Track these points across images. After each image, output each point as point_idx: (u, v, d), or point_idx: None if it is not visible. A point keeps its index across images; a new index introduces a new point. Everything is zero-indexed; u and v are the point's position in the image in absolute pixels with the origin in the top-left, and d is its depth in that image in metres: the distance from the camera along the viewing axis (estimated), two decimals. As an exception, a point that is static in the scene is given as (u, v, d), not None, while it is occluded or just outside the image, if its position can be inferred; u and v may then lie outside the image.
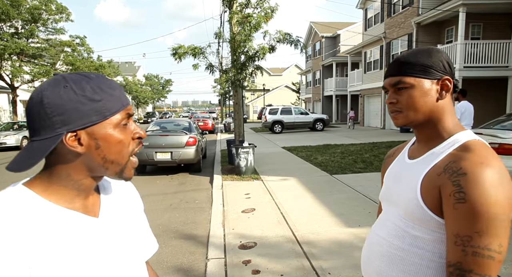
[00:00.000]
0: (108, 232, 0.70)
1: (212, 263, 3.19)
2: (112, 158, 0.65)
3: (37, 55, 19.93)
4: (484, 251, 0.71)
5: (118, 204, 0.77)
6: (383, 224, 0.95)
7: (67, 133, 0.61)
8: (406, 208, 0.86)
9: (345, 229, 3.86)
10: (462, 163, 0.76)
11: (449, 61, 0.87)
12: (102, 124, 0.64)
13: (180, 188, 6.51)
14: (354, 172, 7.02)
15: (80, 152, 0.63)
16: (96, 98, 0.63)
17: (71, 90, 0.61)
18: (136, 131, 0.69)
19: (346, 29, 26.71)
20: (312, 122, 19.21)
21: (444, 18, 14.11)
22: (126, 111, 0.67)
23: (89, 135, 0.63)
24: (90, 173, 0.66)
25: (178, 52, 7.28)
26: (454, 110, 0.88)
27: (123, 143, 0.66)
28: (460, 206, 0.73)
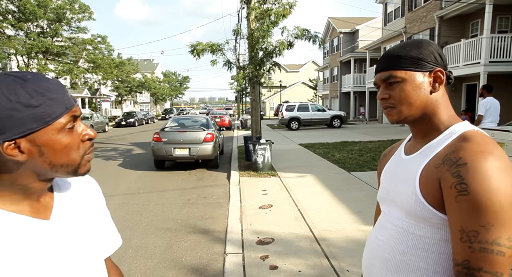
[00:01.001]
0: (60, 234, 0.66)
1: (230, 258, 3.23)
2: (60, 163, 0.62)
3: (61, 53, 20.62)
4: (493, 247, 0.65)
5: (74, 203, 0.73)
6: (383, 227, 0.89)
7: (3, 142, 0.56)
8: (405, 206, 0.81)
9: (363, 226, 3.82)
10: (461, 153, 0.72)
11: (440, 53, 0.84)
12: (44, 131, 0.59)
13: (198, 184, 6.60)
14: (373, 169, 6.91)
15: (21, 160, 0.59)
16: (33, 103, 0.57)
17: (3, 96, 0.56)
18: (85, 132, 0.64)
19: (365, 24, 26.13)
20: (329, 119, 18.98)
21: (469, 11, 13.57)
22: (71, 114, 0.62)
23: (30, 142, 0.58)
24: (38, 177, 0.63)
25: (197, 48, 7.35)
26: (448, 102, 0.86)
27: (70, 147, 0.62)
28: (462, 198, 0.68)
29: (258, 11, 6.98)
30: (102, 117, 23.13)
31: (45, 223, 0.65)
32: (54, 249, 0.64)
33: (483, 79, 11.73)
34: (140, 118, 28.69)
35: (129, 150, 12.00)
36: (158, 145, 7.73)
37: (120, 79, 34.35)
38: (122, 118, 27.34)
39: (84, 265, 0.69)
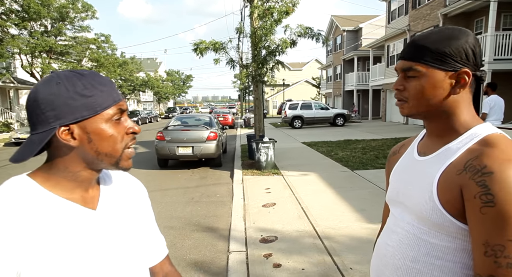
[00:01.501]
0: (105, 224, 0.71)
1: (234, 256, 3.25)
2: (105, 151, 0.67)
3: (64, 53, 20.72)
4: None
5: (119, 199, 0.77)
6: (393, 231, 0.85)
7: (59, 127, 0.64)
8: (420, 212, 0.76)
9: (366, 224, 3.82)
10: (486, 160, 0.67)
11: (474, 48, 0.75)
12: (94, 119, 0.66)
13: (201, 182, 6.63)
14: (376, 167, 6.90)
15: (73, 145, 0.65)
16: (87, 93, 0.65)
17: (63, 87, 0.64)
18: (130, 126, 0.70)
19: (368, 22, 26.01)
20: (333, 117, 18.94)
21: (473, 8, 13.46)
22: (118, 107, 0.69)
23: (81, 129, 0.65)
24: (87, 165, 0.69)
25: (200, 47, 7.36)
26: (470, 101, 0.79)
27: (115, 137, 0.68)
28: (488, 210, 0.64)
29: (261, 9, 6.97)
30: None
31: (93, 212, 0.70)
32: (99, 239, 0.69)
33: (488, 77, 11.64)
34: (143, 117, 28.78)
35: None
36: (162, 144, 7.76)
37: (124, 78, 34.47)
38: (125, 117, 27.36)
39: (125, 258, 0.73)
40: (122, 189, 0.80)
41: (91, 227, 0.68)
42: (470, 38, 0.75)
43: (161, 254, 0.87)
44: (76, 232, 0.66)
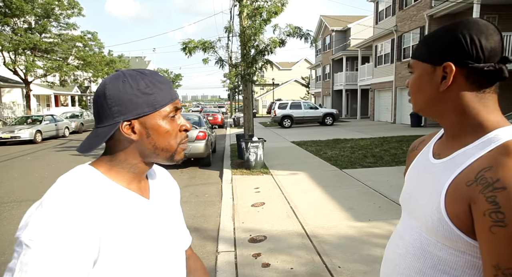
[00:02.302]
0: (159, 213, 0.77)
1: (222, 256, 3.23)
2: (161, 146, 0.72)
3: (49, 50, 20.26)
4: None
5: (163, 191, 0.84)
6: (401, 237, 0.80)
7: (123, 121, 0.69)
8: (427, 221, 0.70)
9: (354, 223, 3.86)
10: (500, 172, 0.59)
11: (475, 36, 0.66)
12: (153, 115, 0.70)
13: (190, 182, 6.58)
14: (364, 166, 6.98)
15: (134, 139, 0.70)
16: (149, 91, 0.69)
17: (128, 84, 0.69)
18: (183, 123, 0.75)
19: (357, 22, 26.30)
20: (322, 117, 19.09)
21: (458, 10, 13.76)
22: (174, 105, 0.73)
23: (141, 124, 0.70)
24: (144, 159, 0.73)
25: (188, 46, 7.30)
26: (490, 101, 0.70)
27: (170, 133, 0.72)
28: (498, 230, 0.57)
29: (250, 9, 6.95)
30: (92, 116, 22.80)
31: (147, 201, 0.76)
32: (155, 224, 0.74)
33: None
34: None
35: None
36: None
37: (111, 77, 33.84)
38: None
39: (177, 242, 0.81)
40: (164, 183, 0.87)
41: (148, 214, 0.74)
42: (469, 28, 0.67)
43: (189, 241, 0.97)
44: (138, 219, 0.71)
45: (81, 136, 17.59)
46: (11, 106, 22.03)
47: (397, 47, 17.94)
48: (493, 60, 0.66)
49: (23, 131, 13.90)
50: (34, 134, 14.13)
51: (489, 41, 0.66)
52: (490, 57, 0.66)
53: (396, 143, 10.17)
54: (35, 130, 14.30)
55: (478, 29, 0.67)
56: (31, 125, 14.74)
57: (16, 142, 13.80)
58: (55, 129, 16.06)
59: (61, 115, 19.18)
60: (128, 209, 0.70)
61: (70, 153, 10.84)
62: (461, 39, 0.67)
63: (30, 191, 6.07)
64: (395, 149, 9.12)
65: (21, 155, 10.85)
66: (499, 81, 0.69)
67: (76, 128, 18.86)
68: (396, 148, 9.28)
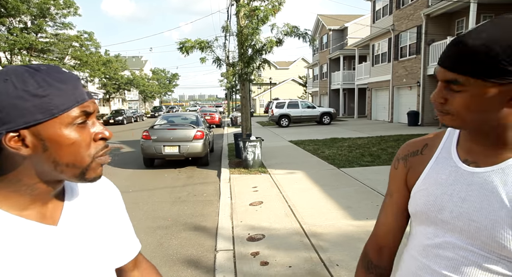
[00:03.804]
0: (68, 241, 0.63)
1: (221, 255, 3.24)
2: (66, 161, 0.57)
3: (45, 50, 20.15)
4: None
5: (87, 208, 0.69)
6: (438, 255, 0.70)
7: (7, 133, 0.53)
8: (487, 237, 0.63)
9: (352, 221, 3.88)
10: None
11: None
12: (50, 123, 0.55)
13: (188, 182, 6.58)
14: (362, 165, 7.01)
15: (25, 154, 0.55)
16: (40, 93, 0.54)
17: (10, 84, 0.53)
18: (98, 131, 0.60)
19: (354, 21, 26.36)
20: (319, 116, 19.13)
21: (455, 9, 13.83)
22: (83, 108, 0.57)
23: (34, 135, 0.55)
24: (43, 177, 0.58)
25: (185, 46, 7.29)
26: None
27: (78, 144, 0.57)
28: None
29: (248, 9, 6.95)
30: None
31: (53, 228, 0.61)
32: (61, 256, 0.61)
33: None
34: (128, 116, 28.33)
35: (118, 149, 11.85)
36: (148, 143, 7.66)
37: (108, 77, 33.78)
38: (110, 116, 26.95)
39: (90, 273, 0.65)
40: (91, 194, 0.71)
41: (51, 245, 0.60)
42: None
43: (133, 253, 0.82)
44: (34, 252, 0.57)
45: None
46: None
47: (394, 46, 18.00)
48: None
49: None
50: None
51: None
52: None
53: (393, 142, 10.22)
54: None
55: None
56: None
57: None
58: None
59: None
60: (17, 242, 0.55)
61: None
62: None
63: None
64: (392, 148, 9.16)
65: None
66: None
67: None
68: (393, 147, 9.32)
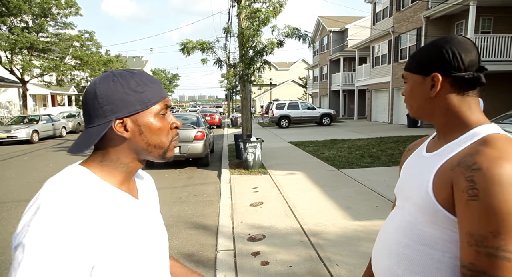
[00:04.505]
0: (148, 214, 0.79)
1: (222, 254, 3.27)
2: (154, 143, 0.74)
3: (46, 50, 20.18)
4: (499, 252, 0.66)
5: (148, 190, 0.86)
6: (394, 219, 0.91)
7: (115, 120, 0.70)
8: (416, 202, 0.82)
9: (352, 222, 3.91)
10: (477, 157, 0.71)
11: (456, 50, 0.79)
12: (144, 113, 0.72)
13: (189, 182, 6.60)
14: (361, 166, 7.04)
15: (126, 137, 0.71)
16: (139, 90, 0.71)
17: (118, 83, 0.71)
18: (173, 121, 0.77)
19: (354, 23, 26.42)
20: (319, 117, 19.16)
21: (454, 12, 13.88)
22: (164, 103, 0.75)
23: (133, 122, 0.71)
24: (136, 156, 0.75)
25: (187, 47, 7.32)
26: (473, 104, 0.82)
27: (162, 130, 0.74)
28: (473, 204, 0.69)
29: (249, 10, 6.99)
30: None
31: (137, 202, 0.77)
32: (144, 225, 0.76)
33: (468, 79, 12.03)
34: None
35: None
36: None
37: (108, 77, 33.71)
38: (110, 116, 26.91)
39: (164, 242, 0.82)
40: (146, 182, 0.89)
41: (139, 215, 0.75)
42: (451, 44, 0.80)
43: None
44: (131, 220, 0.72)
45: (78, 136, 17.56)
46: (7, 105, 21.92)
47: (394, 48, 18.05)
48: (472, 70, 0.80)
49: (20, 131, 13.83)
50: (31, 134, 14.07)
51: (467, 54, 0.80)
52: (469, 67, 0.80)
53: (393, 144, 10.25)
54: (32, 130, 14.24)
55: (459, 44, 0.80)
56: (27, 125, 14.68)
57: (13, 142, 13.74)
58: (52, 129, 16.00)
59: (58, 115, 19.11)
60: (121, 211, 0.70)
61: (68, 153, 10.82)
62: (445, 53, 0.80)
63: (28, 191, 6.07)
64: (392, 149, 9.19)
65: (18, 155, 10.81)
66: (478, 86, 0.81)
67: (73, 128, 18.79)
68: (393, 148, 9.35)
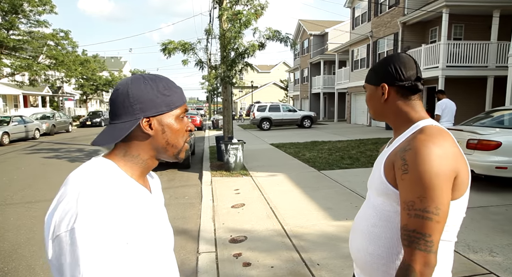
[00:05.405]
0: (159, 208, 0.86)
1: (203, 257, 3.23)
2: (172, 142, 0.81)
3: (18, 48, 19.33)
4: (423, 213, 0.83)
5: (156, 187, 0.94)
6: (363, 206, 1.10)
7: (143, 118, 0.77)
8: (376, 186, 1.00)
9: (332, 222, 3.97)
10: (412, 142, 0.90)
11: (398, 66, 1.00)
12: (168, 114, 0.80)
13: (169, 184, 6.50)
14: (341, 168, 7.17)
15: (151, 134, 0.78)
16: (167, 93, 0.79)
17: (149, 85, 0.78)
18: (188, 124, 0.85)
19: (334, 27, 26.96)
20: (300, 119, 19.36)
21: (429, 18, 14.45)
22: (184, 107, 0.84)
23: (158, 121, 0.79)
24: (154, 154, 0.82)
25: (168, 47, 7.23)
26: (413, 104, 1.02)
27: (180, 131, 0.82)
28: (405, 176, 0.87)
29: (230, 12, 6.99)
30: (65, 117, 21.95)
31: (151, 195, 0.84)
32: (158, 217, 0.83)
33: (441, 82, 12.53)
34: (106, 118, 27.59)
35: (96, 151, 11.53)
36: None
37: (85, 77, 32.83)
38: (87, 118, 26.20)
39: (171, 235, 0.89)
40: (155, 181, 0.95)
41: (153, 208, 0.82)
42: (396, 60, 1.01)
43: None
44: (148, 211, 0.79)
45: (53, 138, 16.89)
46: (-26, 106, 20.82)
47: (373, 52, 18.55)
48: (411, 79, 1.01)
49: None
50: (0, 136, 13.45)
51: (408, 69, 1.00)
52: (409, 77, 1.00)
53: (372, 145, 10.51)
54: (2, 132, 13.61)
55: (402, 61, 1.01)
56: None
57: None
58: (24, 130, 15.35)
59: (31, 116, 18.34)
60: (141, 201, 0.77)
61: (41, 156, 10.39)
62: (389, 68, 1.02)
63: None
64: (370, 151, 9.42)
65: (-12, 158, 10.27)
66: (418, 92, 1.02)
67: (48, 129, 18.10)
68: (372, 150, 9.59)
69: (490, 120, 5.86)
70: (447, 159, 0.85)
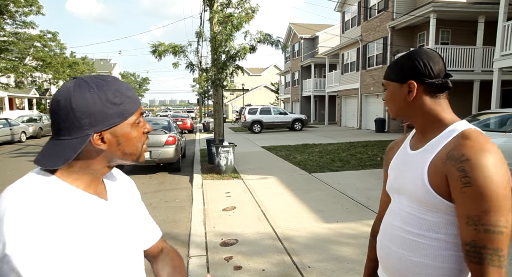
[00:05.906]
0: (116, 215, 0.78)
1: (194, 261, 3.20)
2: (130, 151, 0.74)
3: (3, 49, 18.94)
4: (494, 228, 0.79)
5: (120, 191, 0.85)
6: (397, 214, 1.01)
7: (94, 133, 0.68)
8: (416, 195, 0.93)
9: (323, 224, 3.98)
10: (463, 150, 0.84)
11: (427, 61, 0.93)
12: (122, 124, 0.72)
13: (160, 188, 6.43)
14: (332, 170, 7.21)
15: (104, 149, 0.71)
16: (118, 101, 0.70)
17: (96, 95, 0.68)
18: (145, 126, 0.78)
19: (324, 31, 27.22)
20: (291, 122, 19.45)
21: (417, 23, 14.73)
22: (139, 111, 0.75)
23: (111, 134, 0.71)
24: (109, 164, 0.75)
25: (158, 49, 7.18)
26: (443, 105, 0.95)
27: (137, 138, 0.75)
28: (467, 189, 0.81)
29: (221, 15, 6.99)
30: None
31: (106, 202, 0.76)
32: (112, 225, 0.75)
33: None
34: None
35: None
36: None
37: (73, 79, 32.22)
38: (75, 120, 25.72)
39: (134, 242, 0.82)
40: (120, 183, 0.87)
41: (106, 216, 0.75)
42: (423, 54, 0.94)
43: (156, 237, 0.96)
44: (96, 221, 0.72)
45: (40, 141, 16.56)
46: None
47: (362, 56, 18.79)
48: (440, 76, 0.94)
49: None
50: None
51: (436, 64, 0.94)
52: (438, 74, 0.94)
53: (362, 148, 10.61)
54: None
55: (428, 56, 0.94)
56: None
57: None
58: (10, 133, 15.01)
59: (16, 119, 17.95)
60: (86, 212, 0.70)
61: (27, 159, 10.17)
62: (417, 64, 0.94)
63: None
64: (361, 153, 9.51)
65: (-29, 161, 10.00)
66: (447, 90, 0.96)
67: (34, 132, 17.73)
68: (362, 152, 9.68)
69: (477, 123, 5.99)
70: (505, 166, 0.82)
